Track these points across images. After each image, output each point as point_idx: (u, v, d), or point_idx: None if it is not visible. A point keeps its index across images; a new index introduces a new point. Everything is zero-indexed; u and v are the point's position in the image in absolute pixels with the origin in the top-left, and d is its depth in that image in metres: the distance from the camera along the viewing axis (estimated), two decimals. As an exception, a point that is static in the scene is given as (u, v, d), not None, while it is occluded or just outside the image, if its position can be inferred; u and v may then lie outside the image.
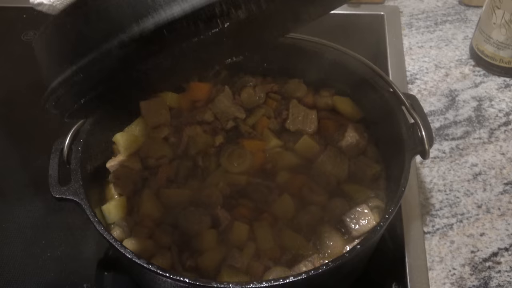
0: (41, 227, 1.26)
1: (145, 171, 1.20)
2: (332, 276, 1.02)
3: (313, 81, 1.35)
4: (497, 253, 1.19)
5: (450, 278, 1.16)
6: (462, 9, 1.76)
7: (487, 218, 1.25)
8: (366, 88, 1.24)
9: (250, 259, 1.05)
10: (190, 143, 1.25)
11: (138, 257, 0.95)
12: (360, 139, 1.20)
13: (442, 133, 1.42)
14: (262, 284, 0.91)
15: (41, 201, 1.30)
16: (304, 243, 1.09)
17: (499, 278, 1.15)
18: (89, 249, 1.22)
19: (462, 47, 1.64)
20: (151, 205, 1.14)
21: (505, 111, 1.46)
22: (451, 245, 1.21)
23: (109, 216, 1.13)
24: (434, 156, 1.36)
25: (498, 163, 1.35)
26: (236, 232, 1.09)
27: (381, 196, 1.17)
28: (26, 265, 1.20)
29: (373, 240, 1.00)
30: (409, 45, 1.65)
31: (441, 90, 1.52)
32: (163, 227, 1.11)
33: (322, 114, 1.30)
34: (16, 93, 1.57)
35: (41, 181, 1.28)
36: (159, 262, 1.04)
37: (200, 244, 1.07)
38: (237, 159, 1.19)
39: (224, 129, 1.28)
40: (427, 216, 1.25)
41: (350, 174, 1.20)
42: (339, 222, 1.11)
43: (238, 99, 1.29)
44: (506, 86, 1.52)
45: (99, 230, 0.99)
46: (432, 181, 1.32)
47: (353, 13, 1.74)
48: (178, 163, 1.21)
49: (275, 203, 1.14)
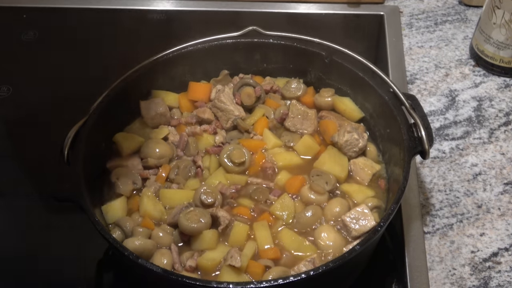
0: (41, 227, 1.26)
1: (145, 171, 1.20)
2: (332, 276, 1.02)
3: (313, 81, 1.35)
4: (497, 253, 1.19)
5: (450, 278, 1.16)
6: (462, 9, 1.76)
7: (487, 218, 1.25)
8: (366, 88, 1.24)
9: (250, 259, 1.05)
10: (190, 143, 1.25)
11: (138, 257, 0.95)
12: (360, 139, 1.20)
13: (442, 133, 1.42)
14: (262, 284, 0.91)
15: (41, 201, 1.30)
16: (304, 243, 1.09)
17: (499, 278, 1.15)
18: (89, 249, 1.22)
19: (462, 47, 1.64)
20: (151, 205, 1.14)
21: (505, 111, 1.46)
22: (451, 245, 1.21)
23: (109, 216, 1.13)
24: (434, 156, 1.36)
25: (498, 163, 1.35)
26: (236, 232, 1.09)
27: (381, 196, 1.17)
28: (26, 265, 1.20)
29: (373, 240, 1.00)
30: (409, 45, 1.65)
31: (441, 90, 1.52)
32: (163, 227, 1.11)
33: (322, 114, 1.30)
34: (16, 93, 1.57)
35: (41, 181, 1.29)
36: (159, 262, 1.04)
37: (200, 244, 1.07)
38: (237, 159, 1.19)
39: (224, 129, 1.28)
40: (427, 216, 1.25)
41: (350, 174, 1.20)
42: (339, 222, 1.11)
43: (238, 99, 1.29)
44: (506, 86, 1.52)
45: (99, 230, 0.99)
46: (432, 181, 1.32)
47: (353, 13, 1.75)
48: (178, 163, 1.21)
49: (275, 203, 1.14)
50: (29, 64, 1.65)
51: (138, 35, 1.71)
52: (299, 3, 1.77)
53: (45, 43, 1.70)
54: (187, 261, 1.05)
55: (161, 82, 1.32)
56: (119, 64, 1.31)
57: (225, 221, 1.09)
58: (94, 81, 1.32)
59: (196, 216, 1.07)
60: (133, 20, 1.78)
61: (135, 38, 1.70)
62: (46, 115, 1.49)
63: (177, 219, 1.08)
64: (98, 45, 1.69)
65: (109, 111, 1.20)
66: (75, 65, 1.61)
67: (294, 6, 1.77)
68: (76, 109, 1.18)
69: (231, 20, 1.72)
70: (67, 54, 1.66)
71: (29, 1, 1.81)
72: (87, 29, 1.74)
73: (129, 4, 1.79)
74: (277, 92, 1.34)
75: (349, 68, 1.26)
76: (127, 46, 1.67)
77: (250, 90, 1.29)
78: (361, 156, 1.22)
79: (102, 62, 1.62)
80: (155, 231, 1.10)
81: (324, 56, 1.28)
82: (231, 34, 1.31)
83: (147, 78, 1.29)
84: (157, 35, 1.69)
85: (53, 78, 1.59)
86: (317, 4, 1.76)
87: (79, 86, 1.54)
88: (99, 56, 1.65)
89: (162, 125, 1.29)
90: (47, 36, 1.72)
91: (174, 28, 1.73)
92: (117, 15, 1.78)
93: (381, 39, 1.66)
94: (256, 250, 1.07)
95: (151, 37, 1.69)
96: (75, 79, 1.57)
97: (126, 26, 1.75)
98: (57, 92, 1.55)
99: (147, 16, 1.78)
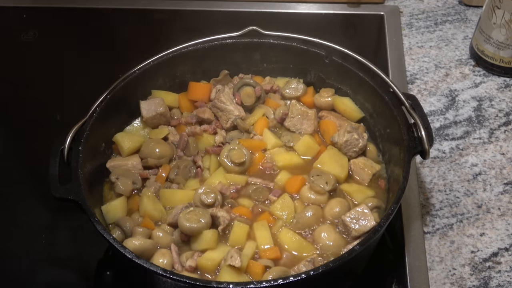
0: (41, 227, 1.26)
1: (145, 171, 1.20)
2: (332, 276, 1.02)
3: (313, 81, 1.35)
4: (497, 253, 1.19)
5: (450, 278, 1.16)
6: (462, 9, 1.76)
7: (487, 218, 1.25)
8: (366, 88, 1.24)
9: (250, 259, 1.05)
10: (190, 143, 1.25)
11: (138, 257, 0.95)
12: (360, 139, 1.20)
13: (442, 133, 1.42)
14: (262, 284, 0.91)
15: (41, 201, 1.30)
16: (304, 243, 1.09)
17: (499, 278, 1.15)
18: (89, 249, 1.22)
19: (462, 47, 1.64)
20: (151, 205, 1.14)
21: (505, 111, 1.46)
22: (451, 245, 1.21)
23: (109, 216, 1.13)
24: (434, 156, 1.36)
25: (498, 163, 1.35)
26: (236, 232, 1.09)
27: (381, 196, 1.17)
28: (26, 265, 1.20)
29: (373, 240, 1.00)
30: (409, 45, 1.65)
31: (441, 90, 1.52)
32: (163, 227, 1.11)
33: (322, 114, 1.30)
34: (16, 93, 1.57)
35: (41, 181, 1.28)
36: (159, 262, 1.04)
37: (200, 244, 1.07)
38: (237, 159, 1.19)
39: (224, 129, 1.28)
40: (427, 216, 1.25)
41: (350, 174, 1.20)
42: (339, 222, 1.11)
43: (238, 99, 1.29)
44: (506, 86, 1.52)
45: (99, 230, 0.99)
46: (432, 181, 1.32)
47: (353, 13, 1.75)
48: (178, 163, 1.21)
49: (275, 203, 1.14)
50: (29, 64, 1.65)
51: (138, 35, 1.71)
52: (299, 3, 1.77)
53: (45, 43, 1.70)
54: (187, 261, 1.05)
55: (161, 82, 1.32)
56: (119, 64, 1.31)
57: (225, 221, 1.09)
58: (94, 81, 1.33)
59: (196, 216, 1.07)
60: (133, 20, 1.78)
61: (135, 38, 1.70)
62: (46, 115, 1.50)
63: (177, 219, 1.08)
64: (98, 45, 1.69)
65: (109, 111, 1.20)
66: (75, 65, 1.62)
67: (294, 6, 1.77)
68: (76, 109, 1.18)
69: (231, 20, 1.72)
70: (67, 54, 1.66)
71: (29, 1, 1.81)
72: (87, 29, 1.74)
73: (129, 4, 1.79)
74: (277, 92, 1.34)
75: (349, 68, 1.26)
76: (127, 46, 1.67)
77: (250, 90, 1.29)
78: (361, 156, 1.22)
79: (102, 62, 1.62)
80: (155, 231, 1.10)
81: (324, 56, 1.28)
82: (231, 34, 1.31)
83: (147, 78, 1.29)
84: (157, 35, 1.69)
85: (53, 78, 1.59)
86: (317, 4, 1.76)
87: (79, 86, 1.54)
88: (99, 56, 1.65)
89: (162, 125, 1.29)
90: (47, 36, 1.72)
91: (174, 28, 1.73)
92: (117, 15, 1.78)
93: (381, 39, 1.66)
94: (256, 250, 1.07)
95: (151, 37, 1.69)
96: (75, 79, 1.57)
97: (126, 26, 1.75)
98: (57, 92, 1.56)
99: (147, 16, 1.78)
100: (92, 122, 1.15)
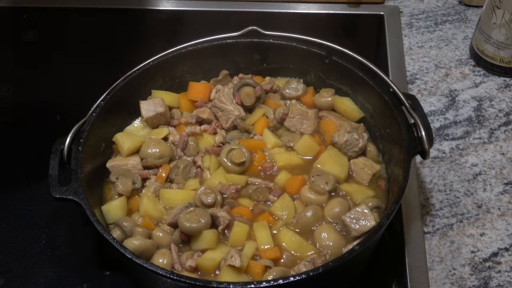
0: (41, 227, 1.26)
1: (145, 171, 1.20)
2: (332, 276, 1.02)
3: (313, 81, 1.35)
4: (497, 253, 1.19)
5: (450, 278, 1.16)
6: (462, 9, 1.76)
7: (487, 218, 1.25)
8: (366, 88, 1.24)
9: (250, 259, 1.05)
10: (190, 143, 1.25)
11: (138, 257, 0.95)
12: (360, 139, 1.20)
13: (442, 133, 1.42)
14: (262, 284, 0.91)
15: (41, 201, 1.30)
16: (304, 243, 1.09)
17: (499, 278, 1.15)
18: (89, 249, 1.22)
19: (462, 47, 1.64)
20: (151, 205, 1.14)
21: (505, 111, 1.46)
22: (451, 245, 1.21)
23: (109, 216, 1.13)
24: (434, 156, 1.36)
25: (498, 163, 1.35)
26: (236, 232, 1.09)
27: (381, 196, 1.17)
28: (26, 265, 1.20)
29: (373, 240, 1.00)
30: (409, 45, 1.65)
31: (441, 90, 1.52)
32: (163, 227, 1.11)
33: (322, 114, 1.30)
34: (16, 93, 1.57)
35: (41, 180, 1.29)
36: (159, 262, 1.04)
37: (200, 244, 1.07)
38: (237, 159, 1.19)
39: (224, 129, 1.28)
40: (427, 216, 1.25)
41: (350, 174, 1.20)
42: (339, 222, 1.11)
43: (238, 99, 1.29)
44: (506, 86, 1.52)
45: (99, 230, 0.99)
46: (432, 181, 1.32)
47: (353, 13, 1.75)
48: (178, 163, 1.21)
49: (275, 203, 1.14)
50: (29, 64, 1.65)
51: (138, 35, 1.71)
52: (299, 3, 1.77)
53: (45, 43, 1.70)
54: (187, 261, 1.05)
55: (161, 82, 1.32)
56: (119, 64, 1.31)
57: (225, 221, 1.09)
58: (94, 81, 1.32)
59: (196, 216, 1.07)
60: (133, 20, 1.78)
61: (135, 38, 1.70)
62: (46, 115, 1.50)
63: (177, 219, 1.08)
64: (98, 45, 1.69)
65: (109, 111, 1.20)
66: (75, 65, 1.61)
67: (294, 6, 1.77)
68: (76, 109, 1.18)
69: (231, 20, 1.72)
70: (67, 54, 1.66)
71: (29, 1, 1.81)
72: (87, 29, 1.74)
73: (129, 4, 1.79)
74: (277, 92, 1.34)
75: (349, 68, 1.26)
76: (127, 46, 1.67)
77: (250, 90, 1.29)
78: (361, 156, 1.22)
79: (102, 62, 1.62)
80: (155, 231, 1.10)
81: (324, 56, 1.28)
82: (231, 34, 1.31)
83: (147, 78, 1.29)
84: (157, 35, 1.69)
85: (53, 78, 1.59)
86: (317, 4, 1.76)
87: (79, 86, 1.54)
88: (99, 56, 1.65)
89: (162, 125, 1.29)
90: (47, 36, 1.72)
91: (175, 28, 1.73)
92: (117, 15, 1.78)
93: (381, 39, 1.66)
94: (256, 250, 1.07)
95: (151, 37, 1.69)
96: (75, 79, 1.57)
97: (126, 26, 1.75)
98: (57, 92, 1.56)
99: (148, 16, 1.78)
100: (92, 122, 1.15)
